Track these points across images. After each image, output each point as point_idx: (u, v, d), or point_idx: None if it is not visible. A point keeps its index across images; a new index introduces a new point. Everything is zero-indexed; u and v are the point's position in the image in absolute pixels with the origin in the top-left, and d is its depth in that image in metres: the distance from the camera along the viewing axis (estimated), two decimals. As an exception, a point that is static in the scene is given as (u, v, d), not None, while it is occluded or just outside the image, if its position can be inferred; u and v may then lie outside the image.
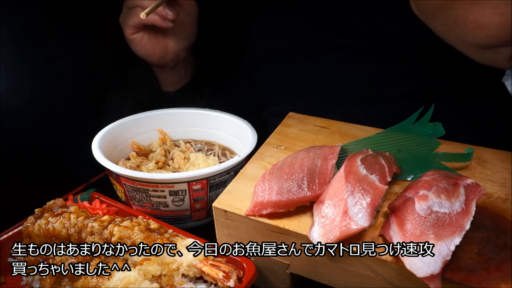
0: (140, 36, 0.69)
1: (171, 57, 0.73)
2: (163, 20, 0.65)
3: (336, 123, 0.62)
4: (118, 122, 0.68)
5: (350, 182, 0.44)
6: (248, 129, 0.65)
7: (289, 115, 0.65)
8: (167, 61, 0.73)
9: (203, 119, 0.73)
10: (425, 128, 0.54)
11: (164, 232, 0.50)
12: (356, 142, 0.56)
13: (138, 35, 0.69)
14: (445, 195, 0.41)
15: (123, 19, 0.69)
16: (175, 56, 0.73)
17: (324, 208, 0.43)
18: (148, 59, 0.73)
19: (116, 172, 0.57)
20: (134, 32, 0.68)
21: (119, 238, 0.48)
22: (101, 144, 0.62)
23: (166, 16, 0.65)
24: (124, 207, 0.57)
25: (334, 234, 0.40)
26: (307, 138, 0.59)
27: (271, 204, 0.45)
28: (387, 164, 0.48)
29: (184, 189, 0.56)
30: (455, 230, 0.38)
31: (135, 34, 0.68)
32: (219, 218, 0.48)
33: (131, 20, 0.67)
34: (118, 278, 0.44)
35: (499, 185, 0.48)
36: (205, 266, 0.45)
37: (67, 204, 0.55)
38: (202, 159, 0.63)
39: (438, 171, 0.46)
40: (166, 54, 0.72)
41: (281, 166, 0.49)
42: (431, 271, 0.36)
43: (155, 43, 0.70)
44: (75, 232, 0.50)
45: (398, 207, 0.42)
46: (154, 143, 0.72)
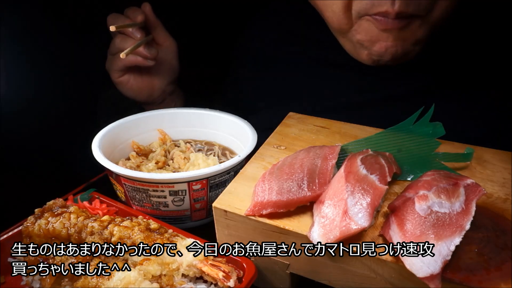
0: (126, 78, 0.73)
1: (158, 93, 0.77)
2: (145, 60, 0.69)
3: (336, 123, 0.62)
4: (118, 122, 0.68)
5: (350, 182, 0.44)
6: (248, 129, 0.65)
7: (289, 115, 0.65)
8: (155, 97, 0.78)
9: (203, 119, 0.73)
10: (425, 128, 0.54)
11: (164, 232, 0.50)
12: (356, 142, 0.56)
13: (124, 77, 0.73)
14: (445, 195, 0.41)
15: (108, 65, 0.73)
16: (161, 92, 0.78)
17: (324, 208, 0.43)
18: (137, 98, 0.77)
19: (116, 172, 0.57)
20: (120, 76, 0.72)
21: (119, 238, 0.48)
22: (101, 144, 0.62)
23: (147, 55, 0.69)
24: (124, 207, 0.57)
25: (334, 234, 0.40)
26: (307, 138, 0.59)
27: (271, 204, 0.45)
28: (387, 164, 0.48)
29: (184, 189, 0.56)
30: (455, 230, 0.38)
31: (121, 77, 0.72)
32: (219, 218, 0.48)
33: (116, 65, 0.71)
34: (118, 278, 0.44)
35: (499, 185, 0.48)
36: (205, 266, 0.45)
37: (67, 204, 0.55)
38: (202, 159, 0.63)
39: (438, 171, 0.46)
40: (153, 91, 0.76)
41: (281, 166, 0.49)
42: (431, 271, 0.36)
43: (141, 82, 0.74)
44: (75, 232, 0.50)
45: (398, 207, 0.42)
46: (154, 143, 0.72)
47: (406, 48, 0.58)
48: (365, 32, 0.58)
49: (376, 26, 0.56)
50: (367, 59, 0.61)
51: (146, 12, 0.71)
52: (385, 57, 0.59)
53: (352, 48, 0.63)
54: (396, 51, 0.58)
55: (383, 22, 0.55)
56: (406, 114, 0.55)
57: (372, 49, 0.59)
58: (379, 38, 0.57)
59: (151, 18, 0.72)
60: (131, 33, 0.68)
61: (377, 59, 0.60)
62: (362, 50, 0.61)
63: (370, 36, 0.58)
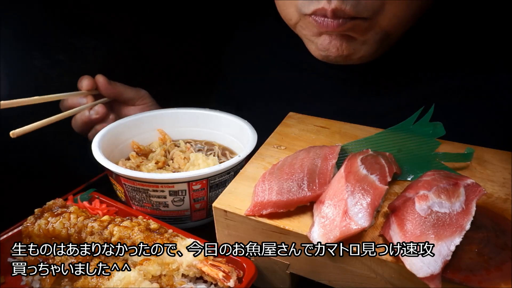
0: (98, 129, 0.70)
1: None
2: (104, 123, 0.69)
3: (336, 123, 0.62)
4: (118, 122, 0.68)
5: (350, 182, 0.44)
6: (248, 129, 0.65)
7: (289, 115, 0.65)
8: None
9: (203, 119, 0.73)
10: (425, 128, 0.54)
11: (164, 232, 0.50)
12: (356, 142, 0.56)
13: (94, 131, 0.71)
14: (445, 195, 0.41)
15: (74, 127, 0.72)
16: None
17: (324, 208, 0.43)
18: None
19: (116, 172, 0.57)
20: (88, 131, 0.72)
21: (119, 238, 0.48)
22: (101, 144, 0.62)
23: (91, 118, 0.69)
24: (124, 207, 0.57)
25: (334, 234, 0.40)
26: (307, 138, 0.59)
27: (271, 204, 0.45)
28: (387, 164, 0.48)
29: (184, 189, 0.56)
30: (455, 230, 0.38)
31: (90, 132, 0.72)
32: (219, 218, 0.48)
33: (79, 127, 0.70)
34: (118, 278, 0.44)
35: (499, 185, 0.48)
36: (205, 266, 0.45)
37: (67, 204, 0.55)
38: (202, 159, 0.63)
39: (438, 171, 0.46)
40: None
41: (281, 166, 0.49)
42: (431, 271, 0.36)
43: None
44: (75, 232, 0.50)
45: (398, 207, 0.42)
46: (154, 143, 0.72)
47: (353, 46, 0.56)
48: (310, 27, 0.57)
49: (317, 28, 0.55)
50: (316, 54, 0.60)
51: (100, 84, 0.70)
52: (330, 50, 0.57)
53: (304, 43, 0.62)
54: (341, 45, 0.56)
55: (322, 23, 0.53)
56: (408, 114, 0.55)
57: (318, 42, 0.58)
58: (323, 32, 0.56)
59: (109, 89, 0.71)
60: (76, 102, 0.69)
61: (324, 54, 0.58)
62: (310, 44, 0.60)
63: (314, 31, 0.57)
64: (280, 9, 0.61)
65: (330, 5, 0.51)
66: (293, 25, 0.60)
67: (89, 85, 0.69)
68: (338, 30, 0.53)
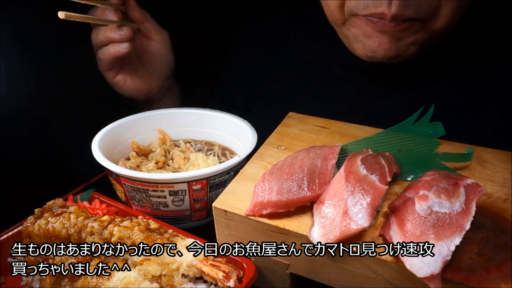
0: (122, 79, 0.71)
1: (157, 90, 0.76)
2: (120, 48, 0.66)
3: (336, 123, 0.62)
4: (118, 122, 0.68)
5: (350, 182, 0.44)
6: (248, 129, 0.65)
7: (289, 115, 0.65)
8: (154, 95, 0.76)
9: (203, 119, 0.73)
10: (425, 128, 0.54)
11: (164, 232, 0.50)
12: (356, 142, 0.56)
13: (119, 77, 0.71)
14: (445, 195, 0.41)
15: (99, 65, 0.70)
16: (160, 88, 0.76)
17: (324, 208, 0.43)
18: (136, 97, 0.75)
19: (116, 172, 0.57)
20: (114, 76, 0.70)
21: (119, 238, 0.48)
22: (101, 144, 0.62)
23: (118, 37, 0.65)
24: (124, 207, 0.57)
25: (334, 234, 0.40)
26: (307, 138, 0.59)
27: (271, 204, 0.45)
28: (387, 164, 0.48)
29: (184, 189, 0.56)
30: (455, 230, 0.38)
31: (115, 77, 0.70)
32: (219, 218, 0.48)
33: (102, 63, 0.68)
34: (118, 278, 0.44)
35: (499, 185, 0.48)
36: (205, 266, 0.45)
37: (67, 204, 0.55)
38: (202, 159, 0.63)
39: (438, 171, 0.46)
40: (151, 88, 0.75)
41: (281, 166, 0.49)
42: (431, 271, 0.36)
43: (138, 81, 0.72)
44: (75, 232, 0.50)
45: (398, 207, 0.42)
46: (154, 143, 0.72)
47: (401, 47, 0.57)
48: (360, 27, 0.57)
49: (370, 27, 0.55)
50: (361, 53, 0.60)
51: (130, 4, 0.68)
52: (378, 53, 0.57)
53: (347, 41, 0.62)
54: (390, 47, 0.56)
55: (378, 24, 0.54)
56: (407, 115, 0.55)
57: (366, 43, 0.58)
58: (374, 34, 0.56)
59: (136, 11, 0.69)
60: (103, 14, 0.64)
61: (371, 55, 0.59)
62: (356, 44, 0.60)
63: (365, 30, 0.57)
64: (327, 9, 0.60)
65: (391, 10, 0.51)
66: (340, 24, 0.60)
67: None
68: (393, 30, 0.53)
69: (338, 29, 0.62)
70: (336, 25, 0.62)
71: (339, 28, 0.62)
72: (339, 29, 0.62)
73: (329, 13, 0.60)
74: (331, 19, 0.61)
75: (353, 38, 0.60)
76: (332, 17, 0.60)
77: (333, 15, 0.59)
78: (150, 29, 0.72)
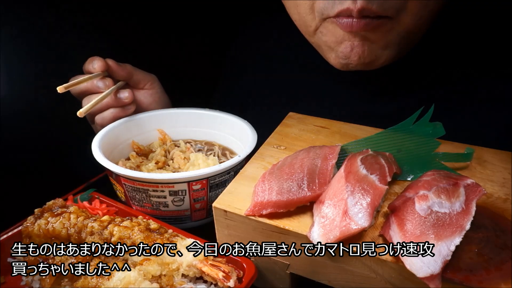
0: None
1: None
2: (123, 109, 0.68)
3: (336, 123, 0.62)
4: (118, 122, 0.68)
5: (350, 182, 0.44)
6: (248, 129, 0.65)
7: (289, 115, 0.65)
8: None
9: (203, 119, 0.73)
10: (425, 128, 0.54)
11: (164, 232, 0.50)
12: (356, 142, 0.56)
13: None
14: (445, 195, 0.41)
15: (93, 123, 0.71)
16: None
17: (324, 208, 0.43)
18: None
19: (116, 172, 0.57)
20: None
21: (119, 238, 0.48)
22: (101, 144, 0.62)
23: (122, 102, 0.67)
24: (124, 207, 0.57)
25: (334, 234, 0.40)
26: (307, 138, 0.59)
27: (271, 204, 0.45)
28: (387, 164, 0.48)
29: (184, 189, 0.56)
30: (455, 230, 0.38)
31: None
32: (219, 218, 0.48)
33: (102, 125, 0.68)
34: (118, 278, 0.44)
35: (499, 185, 0.48)
36: (205, 266, 0.45)
37: (67, 204, 0.55)
38: (202, 159, 0.63)
39: (438, 171, 0.46)
40: None
41: (281, 166, 0.49)
42: (431, 271, 0.36)
43: None
44: (75, 232, 0.50)
45: (398, 207, 0.42)
46: (154, 143, 0.72)
47: (374, 51, 0.55)
48: (331, 33, 0.55)
49: (340, 28, 0.54)
50: (335, 62, 0.58)
51: (111, 68, 0.68)
52: (351, 58, 0.55)
53: (321, 51, 0.61)
54: (363, 51, 0.54)
55: (347, 24, 0.52)
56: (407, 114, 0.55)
57: (338, 50, 0.56)
58: (345, 38, 0.54)
59: (120, 70, 0.69)
60: (94, 86, 0.65)
61: (345, 62, 0.57)
62: (329, 53, 0.58)
63: (336, 36, 0.55)
64: (298, 17, 0.59)
65: (356, 4, 0.50)
66: (312, 32, 0.58)
67: (102, 66, 0.66)
68: (363, 30, 0.52)
69: (311, 39, 0.60)
70: (309, 34, 0.60)
71: (312, 38, 0.60)
72: (312, 39, 0.60)
73: (301, 21, 0.59)
74: (303, 28, 0.59)
75: (326, 48, 0.58)
76: (303, 25, 0.59)
77: (304, 22, 0.58)
78: (138, 81, 0.72)
